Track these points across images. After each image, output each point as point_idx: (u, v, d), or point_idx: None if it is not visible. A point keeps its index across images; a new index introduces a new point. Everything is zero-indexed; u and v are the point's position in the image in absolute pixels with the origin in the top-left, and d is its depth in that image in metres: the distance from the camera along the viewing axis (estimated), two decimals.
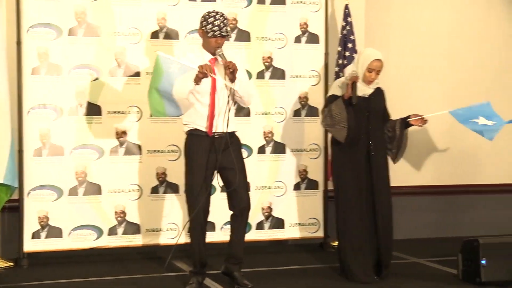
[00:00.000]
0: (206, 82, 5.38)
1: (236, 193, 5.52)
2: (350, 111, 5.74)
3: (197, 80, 5.27)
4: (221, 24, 5.38)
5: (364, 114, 5.83)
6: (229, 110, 5.43)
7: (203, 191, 5.41)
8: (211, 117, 5.42)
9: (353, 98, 5.69)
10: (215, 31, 5.37)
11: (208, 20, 5.39)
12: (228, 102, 5.41)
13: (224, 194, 5.74)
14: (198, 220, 5.47)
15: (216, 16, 5.40)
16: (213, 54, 5.45)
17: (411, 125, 6.01)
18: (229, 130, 5.44)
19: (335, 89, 5.96)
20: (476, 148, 8.10)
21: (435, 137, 7.97)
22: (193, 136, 5.50)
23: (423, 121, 6.03)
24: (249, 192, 5.65)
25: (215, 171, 5.50)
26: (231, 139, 5.50)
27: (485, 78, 8.21)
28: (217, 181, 5.55)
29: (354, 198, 5.82)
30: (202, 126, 5.45)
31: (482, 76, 8.20)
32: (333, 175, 6.10)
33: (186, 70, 5.25)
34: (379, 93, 6.00)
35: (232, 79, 5.33)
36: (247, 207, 5.56)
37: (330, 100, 5.92)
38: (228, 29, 5.48)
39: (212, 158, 5.43)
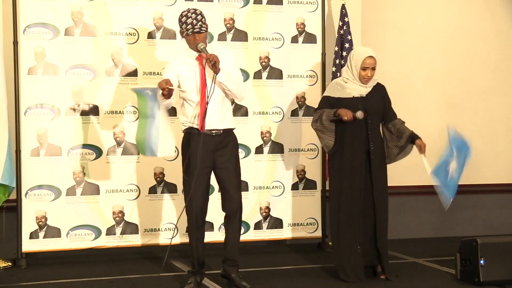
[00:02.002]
0: (191, 80, 5.42)
1: (228, 193, 5.50)
2: (339, 126, 5.75)
3: (165, 97, 5.25)
4: (194, 21, 5.37)
5: None
6: (222, 106, 5.45)
7: (199, 190, 5.40)
8: (202, 114, 5.38)
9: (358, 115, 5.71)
10: (189, 29, 5.38)
11: (181, 20, 5.42)
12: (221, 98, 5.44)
13: None
14: (194, 220, 5.46)
15: (188, 14, 5.40)
16: (198, 51, 5.45)
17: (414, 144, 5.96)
18: (223, 127, 5.45)
19: (331, 89, 5.92)
20: (474, 148, 8.07)
21: (433, 137, 7.93)
22: (189, 134, 5.49)
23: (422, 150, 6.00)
24: (241, 192, 5.59)
25: (211, 170, 5.50)
26: (228, 137, 5.50)
27: (482, 77, 8.23)
28: (216, 181, 5.55)
29: (351, 199, 5.79)
30: (196, 124, 5.43)
31: (479, 75, 8.22)
32: (330, 175, 6.07)
33: (154, 90, 5.24)
34: (378, 90, 5.95)
35: (215, 71, 5.32)
36: (239, 207, 5.53)
37: (324, 101, 5.91)
38: (203, 23, 5.40)
39: (208, 157, 5.43)
